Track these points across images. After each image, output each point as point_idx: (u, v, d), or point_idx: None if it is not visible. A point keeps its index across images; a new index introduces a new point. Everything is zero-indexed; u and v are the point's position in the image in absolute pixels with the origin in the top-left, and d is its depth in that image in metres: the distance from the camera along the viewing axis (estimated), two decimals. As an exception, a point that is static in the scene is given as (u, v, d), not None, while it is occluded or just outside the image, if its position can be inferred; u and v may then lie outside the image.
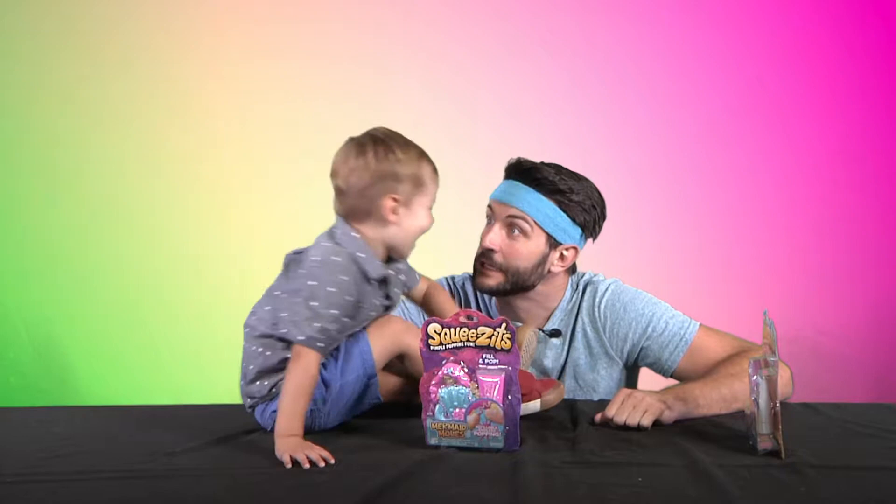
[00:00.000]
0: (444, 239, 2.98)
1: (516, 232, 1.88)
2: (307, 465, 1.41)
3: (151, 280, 3.14)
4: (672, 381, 1.97)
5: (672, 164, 3.16)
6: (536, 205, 1.88)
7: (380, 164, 1.57)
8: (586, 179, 1.93)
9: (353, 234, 1.59)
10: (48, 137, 3.14)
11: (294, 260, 1.63)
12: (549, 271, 1.93)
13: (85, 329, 3.13)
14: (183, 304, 3.14)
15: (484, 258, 1.91)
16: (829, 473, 1.35)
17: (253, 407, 1.63)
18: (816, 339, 3.08)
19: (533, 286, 1.93)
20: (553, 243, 1.90)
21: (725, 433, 1.59)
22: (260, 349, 1.61)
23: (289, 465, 1.41)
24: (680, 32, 3.16)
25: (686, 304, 2.02)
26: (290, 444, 1.45)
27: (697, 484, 1.30)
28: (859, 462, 1.43)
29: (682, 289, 2.95)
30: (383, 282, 1.62)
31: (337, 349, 1.61)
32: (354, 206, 1.59)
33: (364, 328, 1.62)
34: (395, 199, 1.58)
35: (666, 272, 3.05)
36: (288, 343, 1.56)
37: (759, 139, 3.15)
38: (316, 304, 1.53)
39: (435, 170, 1.63)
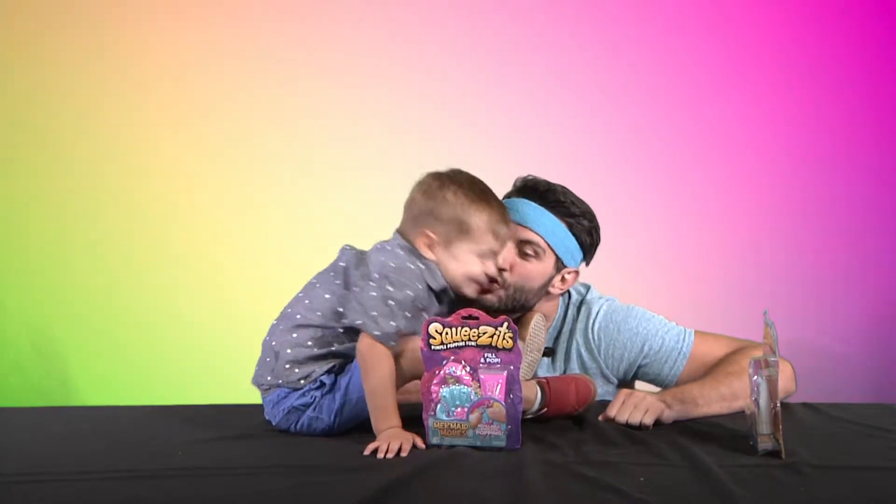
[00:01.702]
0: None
1: (529, 253, 1.86)
2: (391, 455, 1.45)
3: (152, 280, 3.13)
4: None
5: (672, 166, 3.16)
6: (552, 228, 1.86)
7: (426, 200, 1.65)
8: (585, 203, 1.93)
9: (411, 247, 1.66)
10: (47, 136, 3.14)
11: (360, 259, 1.66)
12: (547, 292, 1.92)
13: (85, 329, 3.12)
14: (183, 303, 3.14)
15: None
16: (829, 473, 1.35)
17: (268, 388, 1.63)
18: (816, 339, 3.08)
19: (531, 307, 1.91)
20: (559, 266, 1.89)
21: (725, 433, 1.59)
22: (309, 342, 1.61)
23: (387, 455, 1.44)
24: (678, 37, 3.16)
25: (686, 306, 2.02)
26: (392, 435, 1.49)
27: (698, 483, 1.30)
28: (859, 462, 1.43)
29: (683, 290, 2.96)
30: (444, 294, 1.67)
31: (353, 363, 1.61)
32: (403, 230, 1.68)
33: None
34: (428, 236, 1.64)
35: (666, 273, 3.05)
36: (347, 334, 1.58)
37: (758, 140, 3.15)
38: (394, 303, 1.57)
39: (497, 220, 1.66)
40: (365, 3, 3.16)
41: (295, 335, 1.63)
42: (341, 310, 1.62)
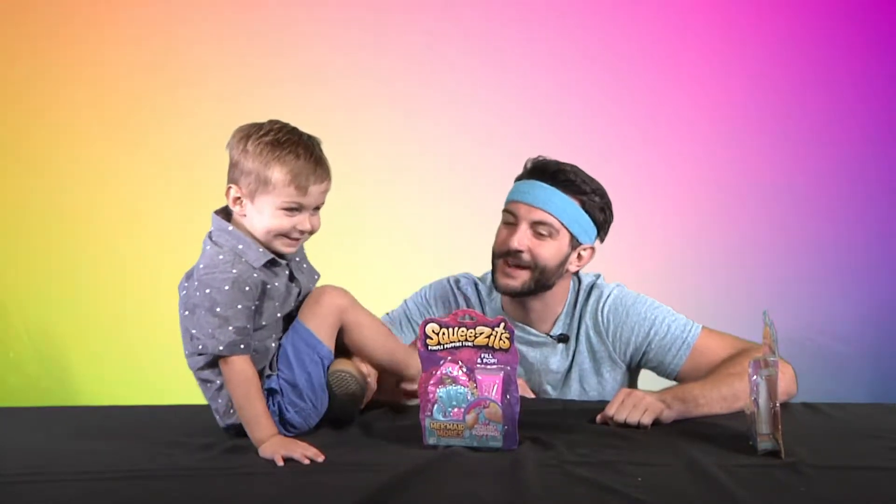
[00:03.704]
0: (446, 239, 3.01)
1: (543, 233, 1.89)
2: (306, 462, 1.43)
3: (152, 280, 3.13)
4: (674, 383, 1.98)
5: (672, 163, 3.16)
6: (563, 206, 1.89)
7: (232, 152, 1.57)
8: (597, 181, 1.96)
9: (228, 228, 1.58)
10: (48, 136, 3.14)
11: (189, 277, 1.61)
12: (566, 270, 1.95)
13: (85, 329, 3.13)
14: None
15: (509, 258, 1.91)
16: (829, 473, 1.35)
17: (240, 435, 1.59)
18: (816, 339, 3.07)
19: (552, 286, 1.95)
20: (575, 243, 1.93)
21: (725, 433, 1.58)
22: (218, 381, 1.59)
23: (281, 464, 1.42)
24: (682, 33, 3.16)
25: (686, 304, 2.02)
26: (276, 444, 1.47)
27: (697, 484, 1.30)
28: (859, 462, 1.43)
29: (682, 288, 2.96)
30: (275, 264, 1.59)
31: (281, 348, 1.60)
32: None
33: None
34: (235, 191, 1.57)
35: (665, 271, 3.05)
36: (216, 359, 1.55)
37: (756, 138, 3.15)
38: (220, 308, 1.52)
39: (300, 171, 1.54)
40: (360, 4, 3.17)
41: (208, 384, 1.61)
42: None
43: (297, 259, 1.66)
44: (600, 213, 1.94)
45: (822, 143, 3.13)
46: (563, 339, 1.98)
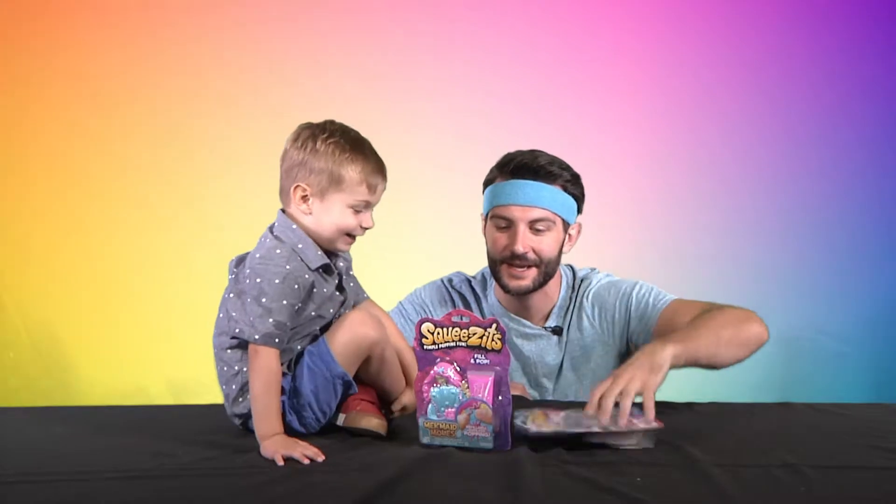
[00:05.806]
0: (443, 240, 3.02)
1: (542, 229, 1.93)
2: (306, 462, 1.43)
3: (153, 279, 3.14)
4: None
5: (671, 162, 3.16)
6: (552, 197, 1.93)
7: (297, 153, 1.59)
8: (560, 158, 1.98)
9: (292, 226, 1.60)
10: (48, 136, 3.14)
11: (240, 262, 1.64)
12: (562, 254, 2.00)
13: (85, 329, 3.13)
14: (184, 303, 3.14)
15: (515, 261, 1.93)
16: (829, 473, 1.35)
17: (245, 424, 1.61)
18: (816, 339, 3.07)
19: (554, 273, 1.99)
20: (566, 227, 1.97)
21: (726, 433, 1.59)
22: (236, 367, 1.60)
23: (281, 464, 1.43)
24: (685, 34, 3.16)
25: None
26: (277, 443, 1.48)
27: (696, 483, 1.30)
28: (859, 462, 1.43)
29: (681, 288, 2.96)
30: (328, 271, 1.62)
31: (301, 356, 1.60)
32: (280, 188, 1.63)
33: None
34: (303, 189, 1.59)
35: (663, 272, 3.04)
36: (246, 344, 1.56)
37: (758, 137, 3.15)
38: (265, 299, 1.54)
39: (371, 171, 1.59)
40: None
41: (225, 367, 1.62)
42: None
43: (347, 273, 1.68)
44: (577, 190, 1.97)
45: (823, 143, 3.14)
46: (557, 331, 2.01)
